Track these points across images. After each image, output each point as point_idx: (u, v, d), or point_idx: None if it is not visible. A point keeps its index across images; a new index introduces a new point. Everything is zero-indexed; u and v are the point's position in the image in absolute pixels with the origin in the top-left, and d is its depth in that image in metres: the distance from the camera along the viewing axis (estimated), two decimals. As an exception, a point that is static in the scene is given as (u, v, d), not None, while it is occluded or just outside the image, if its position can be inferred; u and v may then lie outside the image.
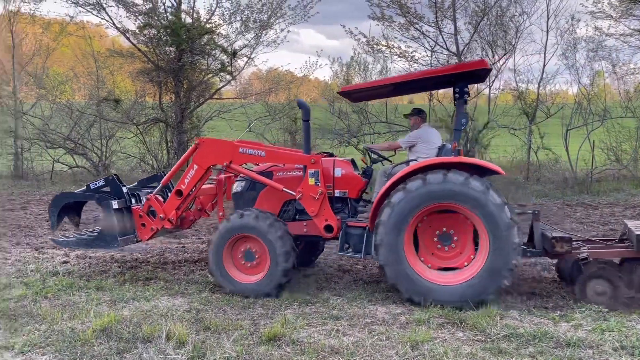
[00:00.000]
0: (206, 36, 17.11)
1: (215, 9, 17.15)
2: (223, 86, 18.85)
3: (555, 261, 6.34)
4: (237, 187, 6.74)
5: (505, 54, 16.60)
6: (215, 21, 17.48)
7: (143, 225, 6.45)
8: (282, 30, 17.71)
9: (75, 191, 7.34)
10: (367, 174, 6.44)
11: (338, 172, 6.28)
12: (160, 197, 6.50)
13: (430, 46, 16.82)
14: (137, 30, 17.15)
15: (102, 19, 17.11)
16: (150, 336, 4.52)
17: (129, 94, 18.88)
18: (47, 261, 7.42)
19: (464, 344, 4.36)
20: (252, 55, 17.94)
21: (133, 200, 6.69)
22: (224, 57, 17.70)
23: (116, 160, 18.79)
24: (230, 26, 17.62)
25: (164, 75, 17.26)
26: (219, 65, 17.73)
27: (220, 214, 6.90)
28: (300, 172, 6.27)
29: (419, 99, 20.43)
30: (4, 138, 18.55)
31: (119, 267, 7.12)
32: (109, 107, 17.91)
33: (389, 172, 6.23)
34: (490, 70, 6.59)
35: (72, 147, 18.17)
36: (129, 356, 4.20)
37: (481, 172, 5.59)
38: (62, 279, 6.41)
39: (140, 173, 17.89)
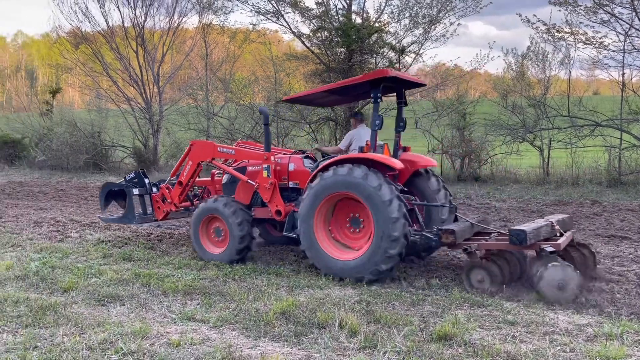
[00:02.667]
0: (375, 35, 17.39)
1: (384, 7, 17.34)
2: (390, 83, 18.96)
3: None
4: (224, 178, 8.11)
5: None
6: (384, 19, 17.68)
7: (158, 207, 8.34)
8: (451, 24, 17.26)
9: (116, 182, 9.43)
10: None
11: (292, 167, 7.37)
12: (170, 187, 8.26)
13: (624, 30, 14.94)
14: (310, 34, 18.12)
15: (280, 25, 18.44)
16: (324, 323, 4.75)
17: (303, 95, 19.99)
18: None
19: (668, 367, 3.81)
20: (420, 51, 17.78)
21: (154, 189, 8.51)
22: (391, 54, 17.82)
23: (290, 156, 20.03)
24: (398, 23, 17.69)
25: (335, 76, 17.94)
26: (387, 63, 17.88)
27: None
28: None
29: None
30: (200, 136, 20.98)
31: (295, 256, 7.60)
32: (285, 108, 19.20)
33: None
34: (389, 78, 6.57)
35: (252, 145, 19.90)
36: (306, 339, 4.47)
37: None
38: (246, 264, 7.07)
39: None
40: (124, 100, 23.01)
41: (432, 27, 17.34)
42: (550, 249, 5.52)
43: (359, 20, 17.65)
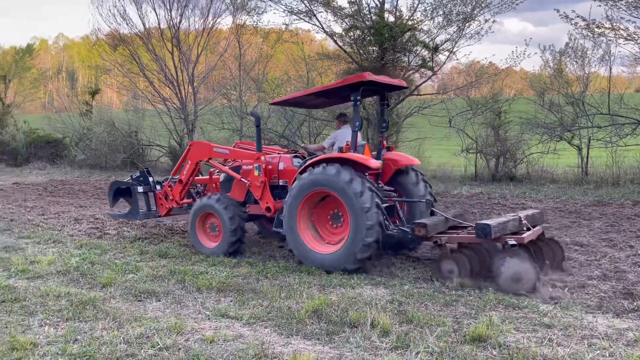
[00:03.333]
0: (408, 33, 17.24)
1: (418, 5, 17.16)
2: (423, 82, 18.79)
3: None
4: (222, 177, 8.55)
5: None
6: (417, 17, 17.51)
7: (161, 204, 8.84)
8: (486, 21, 16.93)
9: (123, 180, 10.00)
10: None
11: (281, 166, 7.80)
12: (172, 185, 8.71)
13: (670, 24, 14.37)
14: (342, 33, 18.09)
15: (312, 24, 18.48)
16: (356, 322, 4.76)
17: (335, 94, 19.97)
18: (266, 244, 8.31)
19: None
20: (454, 49, 17.52)
21: (158, 187, 9.02)
22: (425, 52, 17.64)
23: (322, 156, 20.03)
24: (432, 21, 17.48)
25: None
26: (420, 62, 17.70)
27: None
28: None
29: None
30: (233, 136, 21.23)
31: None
32: (317, 107, 19.23)
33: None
34: (368, 82, 6.90)
35: (285, 145, 20.01)
36: (337, 338, 4.48)
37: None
38: (279, 262, 7.13)
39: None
40: (159, 100, 23.46)
41: (467, 24, 17.06)
42: (513, 242, 5.78)
43: (391, 19, 17.52)
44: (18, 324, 4.86)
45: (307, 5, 17.93)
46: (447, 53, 17.60)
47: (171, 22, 22.74)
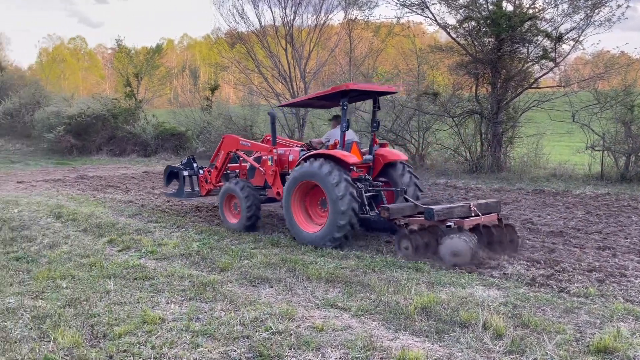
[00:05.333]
0: (528, 22, 16.28)
1: (540, -8, 16.13)
2: (544, 74, 17.66)
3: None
4: (248, 165, 9.91)
5: None
6: (539, 5, 16.47)
7: (202, 186, 10.61)
8: (618, 6, 15.49)
9: (173, 165, 11.63)
10: None
11: (290, 157, 9.02)
12: (210, 170, 10.40)
13: None
14: (456, 24, 17.53)
15: (425, 17, 18.12)
16: (467, 322, 4.62)
17: (447, 88, 19.45)
18: (374, 239, 8.34)
19: None
20: (580, 38, 16.24)
21: (200, 172, 10.75)
22: (546, 42, 16.55)
23: (431, 151, 19.62)
24: (555, 9, 16.35)
25: (481, 67, 17.20)
26: (541, 52, 16.64)
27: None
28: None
29: None
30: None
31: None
32: (427, 101, 18.84)
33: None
34: (348, 90, 7.97)
35: (393, 139, 19.85)
36: (447, 337, 4.38)
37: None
38: (386, 257, 7.11)
39: (453, 164, 18.34)
40: (273, 95, 24.41)
41: (596, 10, 15.74)
42: (450, 224, 6.74)
43: (510, 8, 16.66)
44: (148, 299, 5.34)
45: (420, -3, 17.60)
46: (571, 43, 16.42)
47: (285, 20, 23.52)
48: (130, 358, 4.02)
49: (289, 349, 4.16)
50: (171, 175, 11.32)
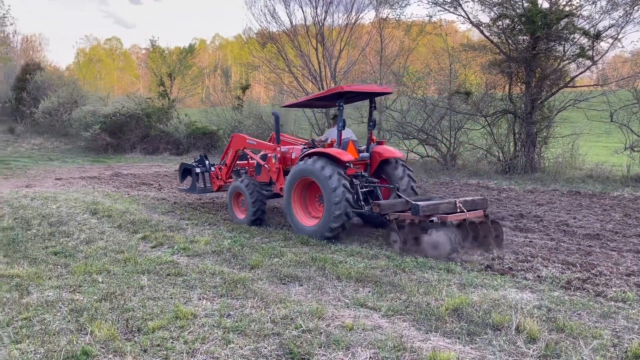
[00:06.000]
0: (564, 20, 15.89)
1: (577, -12, 15.72)
2: (581, 73, 17.20)
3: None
4: (255, 162, 10.24)
5: None
6: (576, 2, 16.05)
7: (214, 182, 11.15)
8: (661, 2, 14.96)
9: (188, 162, 12.11)
10: None
11: (293, 155, 9.38)
12: (221, 167, 10.93)
13: None
14: (490, 22, 17.24)
15: (457, 15, 17.88)
16: (500, 325, 4.55)
17: (479, 87, 19.16)
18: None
19: None
20: (619, 36, 15.77)
21: (213, 168, 11.32)
22: (584, 40, 16.12)
23: (463, 151, 19.36)
24: (593, 5, 15.92)
25: (515, 66, 16.87)
26: (577, 50, 16.22)
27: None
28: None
29: None
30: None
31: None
32: (459, 100, 18.59)
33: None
34: (343, 93, 8.43)
35: (424, 139, 19.68)
36: (479, 339, 4.32)
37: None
38: (417, 258, 7.05)
39: (485, 165, 18.05)
40: (303, 94, 24.46)
41: (635, 7, 15.25)
42: (433, 219, 7.13)
43: (545, 5, 16.29)
44: (181, 295, 5.44)
45: (453, -5, 17.38)
46: (610, 40, 15.94)
47: (316, 19, 23.56)
48: (163, 352, 4.10)
49: (319, 347, 4.17)
50: (185, 172, 11.95)
